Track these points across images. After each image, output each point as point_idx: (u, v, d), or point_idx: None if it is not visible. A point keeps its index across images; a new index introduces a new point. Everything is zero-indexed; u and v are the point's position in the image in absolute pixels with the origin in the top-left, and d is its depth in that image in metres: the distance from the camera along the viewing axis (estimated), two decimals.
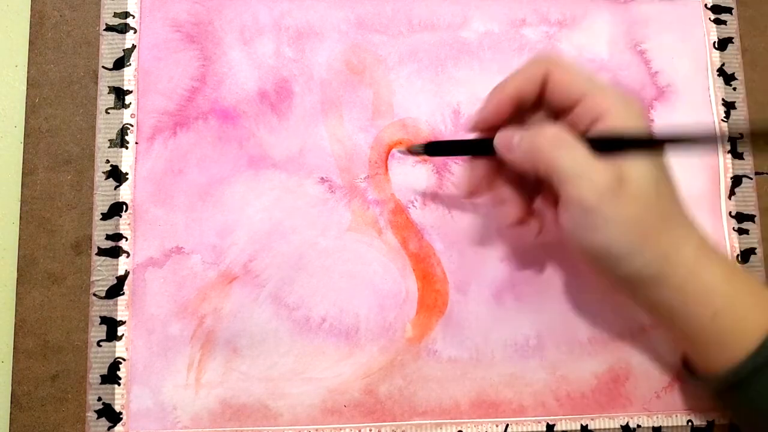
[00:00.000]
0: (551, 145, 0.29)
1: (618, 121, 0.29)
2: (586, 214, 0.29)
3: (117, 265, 0.36)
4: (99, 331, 0.35)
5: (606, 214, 0.28)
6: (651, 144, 0.29)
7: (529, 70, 0.31)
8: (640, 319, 0.37)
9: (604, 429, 0.36)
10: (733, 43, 0.40)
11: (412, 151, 0.36)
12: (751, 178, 0.39)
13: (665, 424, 0.36)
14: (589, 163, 0.29)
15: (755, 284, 0.30)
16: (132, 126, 0.37)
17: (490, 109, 0.32)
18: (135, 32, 0.38)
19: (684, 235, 0.30)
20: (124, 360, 0.35)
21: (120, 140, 0.37)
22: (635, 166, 0.29)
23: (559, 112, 0.31)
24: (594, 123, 0.30)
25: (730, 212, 0.39)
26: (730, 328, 0.30)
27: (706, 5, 0.41)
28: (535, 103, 0.32)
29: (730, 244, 0.38)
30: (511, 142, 0.31)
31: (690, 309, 0.30)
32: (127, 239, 0.36)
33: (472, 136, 0.34)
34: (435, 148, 0.36)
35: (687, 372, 0.34)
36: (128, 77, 0.37)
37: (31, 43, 0.38)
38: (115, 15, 0.38)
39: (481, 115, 0.32)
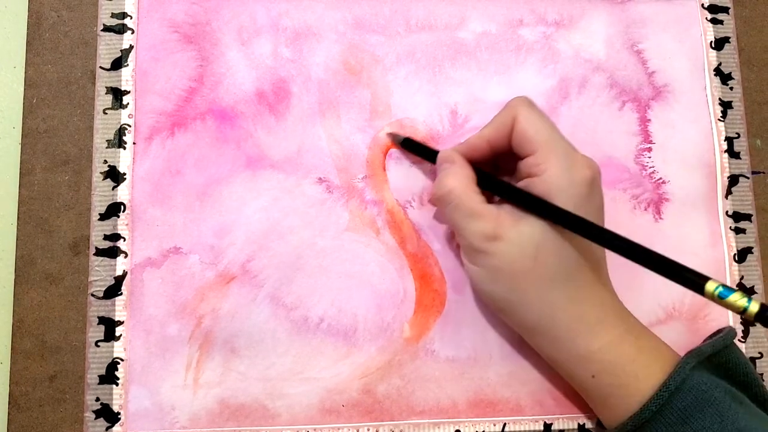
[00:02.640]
0: (443, 195, 0.32)
1: (547, 184, 0.30)
2: (465, 258, 0.33)
3: (115, 265, 0.36)
4: (97, 332, 0.35)
5: (479, 261, 0.32)
6: (550, 215, 0.30)
7: (501, 117, 0.33)
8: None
9: None
10: (729, 42, 0.40)
11: (393, 137, 0.37)
12: (748, 178, 0.39)
13: None
14: (470, 216, 0.31)
15: (645, 350, 0.31)
16: (130, 126, 0.37)
17: (463, 147, 0.34)
18: (132, 33, 0.38)
19: (565, 302, 0.31)
20: (122, 360, 0.35)
21: (118, 141, 0.37)
22: (516, 228, 0.30)
23: (521, 156, 0.33)
24: (530, 176, 0.31)
25: (727, 211, 0.39)
26: (609, 392, 0.31)
27: (702, 5, 0.41)
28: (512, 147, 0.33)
29: (727, 243, 0.38)
30: (438, 168, 0.34)
31: (568, 368, 0.32)
32: (125, 239, 0.36)
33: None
34: (410, 145, 0.37)
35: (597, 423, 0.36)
36: (126, 78, 0.37)
37: (28, 43, 0.38)
38: (113, 15, 0.38)
39: (457, 148, 0.34)
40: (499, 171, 0.35)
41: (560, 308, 0.31)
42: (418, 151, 0.36)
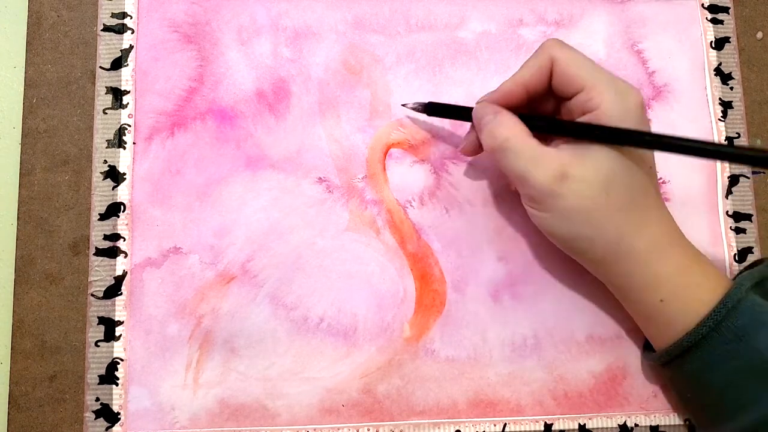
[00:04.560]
0: (500, 145, 0.31)
1: (606, 115, 0.30)
2: (531, 206, 0.32)
3: (115, 265, 0.36)
4: (97, 332, 0.35)
5: (549, 205, 0.31)
6: (619, 140, 0.30)
7: (537, 60, 0.32)
8: None
9: (602, 428, 0.36)
10: (729, 42, 0.40)
11: (414, 106, 0.37)
12: (748, 177, 0.39)
13: (662, 423, 0.36)
14: (533, 161, 0.31)
15: (709, 276, 0.32)
16: (129, 126, 0.37)
17: (497, 95, 0.33)
18: (132, 33, 0.38)
19: (638, 227, 0.31)
20: (122, 360, 0.35)
21: (117, 140, 0.37)
22: (583, 165, 0.30)
23: (563, 99, 0.33)
24: (585, 113, 0.31)
25: (727, 211, 0.39)
26: (675, 314, 0.31)
27: (703, 5, 0.41)
28: (548, 90, 0.33)
29: (728, 243, 0.38)
30: (481, 121, 0.33)
31: (638, 294, 0.32)
32: (124, 239, 0.36)
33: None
34: (434, 109, 0.36)
35: (643, 348, 0.36)
36: (126, 77, 0.37)
37: (28, 43, 0.38)
38: (113, 15, 0.38)
39: (490, 97, 0.34)
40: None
41: (634, 234, 0.31)
42: (446, 112, 0.36)
